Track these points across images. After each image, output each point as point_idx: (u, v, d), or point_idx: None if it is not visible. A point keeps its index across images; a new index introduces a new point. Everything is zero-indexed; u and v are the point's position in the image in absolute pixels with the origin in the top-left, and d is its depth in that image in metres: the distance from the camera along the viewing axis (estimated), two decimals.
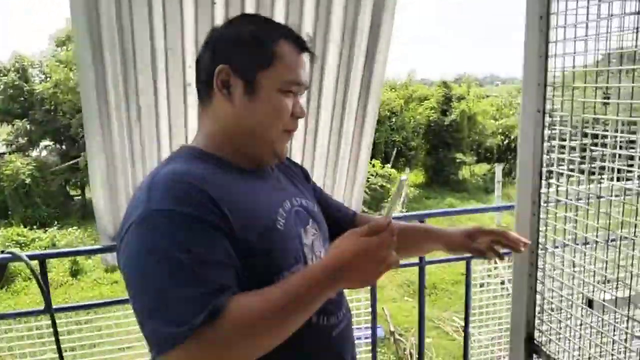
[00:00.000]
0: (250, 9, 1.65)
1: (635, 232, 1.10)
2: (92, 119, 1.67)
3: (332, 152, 1.95)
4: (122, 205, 1.81)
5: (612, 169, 1.17)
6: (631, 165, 1.23)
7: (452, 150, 17.99)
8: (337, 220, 1.19)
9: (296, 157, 1.91)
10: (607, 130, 1.20)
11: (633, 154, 1.25)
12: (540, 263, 1.36)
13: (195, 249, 0.78)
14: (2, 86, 15.92)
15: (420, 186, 17.75)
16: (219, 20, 1.63)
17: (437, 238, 1.24)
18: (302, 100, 1.44)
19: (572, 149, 1.25)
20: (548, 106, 1.30)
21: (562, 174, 1.28)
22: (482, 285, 3.73)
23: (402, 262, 1.04)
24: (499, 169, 13.47)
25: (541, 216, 1.35)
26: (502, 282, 4.85)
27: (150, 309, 0.76)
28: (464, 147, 18.26)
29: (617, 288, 1.11)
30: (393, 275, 10.32)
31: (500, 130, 18.71)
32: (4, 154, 16.04)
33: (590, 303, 1.18)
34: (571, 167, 1.25)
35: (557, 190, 1.29)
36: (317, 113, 1.86)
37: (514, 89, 24.47)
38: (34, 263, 1.76)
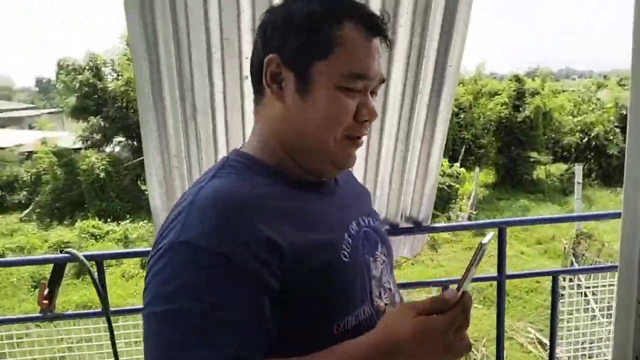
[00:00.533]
0: None
1: None
2: (148, 115, 1.60)
3: (399, 154, 1.77)
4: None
5: None
6: None
7: (526, 149, 17.10)
8: None
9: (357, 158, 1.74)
10: None
11: None
12: None
13: (219, 301, 0.65)
14: (77, 84, 16.83)
15: (491, 186, 17.03)
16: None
17: None
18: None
19: None
20: None
21: None
22: (562, 295, 3.42)
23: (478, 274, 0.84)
24: (578, 169, 12.55)
25: None
26: (585, 294, 4.44)
27: None
28: (539, 146, 17.29)
29: None
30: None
31: (578, 128, 17.59)
32: (80, 149, 17.03)
33: None
34: None
35: None
36: (384, 109, 1.68)
37: (592, 83, 23.00)
38: (91, 264, 1.72)
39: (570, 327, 3.38)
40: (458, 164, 15.11)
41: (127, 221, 14.11)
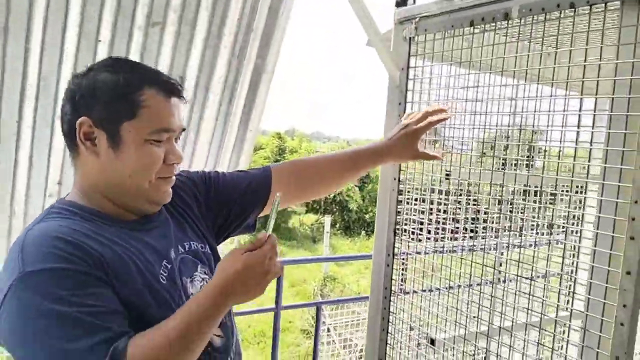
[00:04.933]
0: (135, 51, 1.66)
1: (469, 281, 1.38)
2: None
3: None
4: None
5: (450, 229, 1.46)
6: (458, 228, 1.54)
7: None
8: (255, 189, 1.18)
9: None
10: (447, 200, 1.50)
11: (459, 217, 1.57)
12: (392, 307, 1.59)
13: (81, 300, 0.76)
14: None
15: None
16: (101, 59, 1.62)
17: (364, 157, 1.33)
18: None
19: (421, 212, 1.52)
20: (402, 176, 1.56)
21: (412, 232, 1.54)
22: (307, 332, 3.96)
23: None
24: (327, 220, 14.38)
25: (394, 267, 1.58)
26: (328, 330, 5.17)
27: None
28: None
29: (454, 328, 1.37)
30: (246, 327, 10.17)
31: None
32: None
33: (432, 341, 1.42)
34: (420, 227, 1.52)
35: (408, 245, 1.54)
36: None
37: (337, 147, 26.71)
38: None
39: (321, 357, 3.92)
40: None
41: None
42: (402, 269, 1.58)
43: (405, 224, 1.54)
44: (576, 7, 1.06)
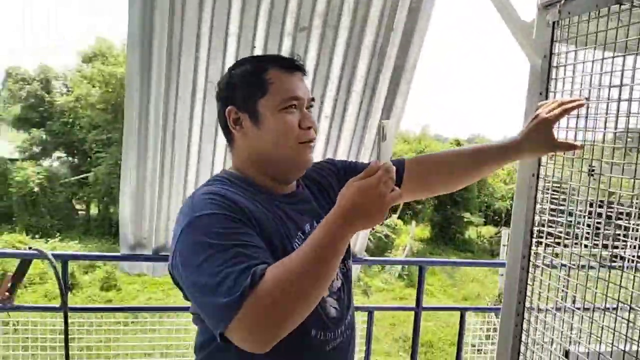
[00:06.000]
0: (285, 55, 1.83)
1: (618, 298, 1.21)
2: (131, 135, 1.85)
3: None
4: (145, 217, 1.96)
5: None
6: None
7: (460, 209, 18.04)
8: None
9: None
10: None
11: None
12: (526, 315, 1.47)
13: (237, 237, 0.91)
14: (24, 94, 16.39)
15: (426, 241, 17.73)
16: None
17: (498, 154, 1.32)
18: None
19: (562, 212, 1.38)
20: (542, 172, 1.44)
21: (551, 235, 1.41)
22: (477, 347, 3.76)
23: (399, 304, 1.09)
24: (505, 232, 13.46)
25: (530, 273, 1.47)
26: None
27: (208, 290, 0.87)
28: (473, 208, 18.30)
29: (589, 342, 1.22)
30: (390, 329, 10.25)
31: (509, 195, 18.78)
32: (16, 160, 16.37)
33: (567, 354, 1.28)
34: (559, 230, 1.38)
35: (544, 251, 1.42)
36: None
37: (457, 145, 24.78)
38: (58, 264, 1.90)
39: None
40: (396, 216, 15.76)
41: (57, 239, 13.55)
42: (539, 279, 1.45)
43: (547, 226, 1.42)
44: None
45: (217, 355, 1.03)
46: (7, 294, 1.91)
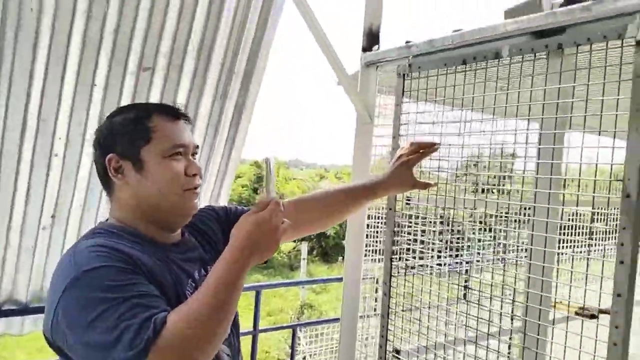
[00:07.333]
0: (127, 94, 1.83)
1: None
2: None
3: None
4: None
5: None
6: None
7: None
8: None
9: None
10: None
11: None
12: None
13: (131, 287, 0.89)
14: None
15: None
16: (96, 101, 1.78)
17: (369, 191, 1.46)
18: None
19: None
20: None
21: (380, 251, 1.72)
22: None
23: None
24: (304, 247, 14.46)
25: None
26: (304, 358, 5.25)
27: (106, 348, 0.84)
28: None
29: (418, 338, 1.55)
30: None
31: None
32: None
33: (397, 352, 1.59)
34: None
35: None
36: None
37: (316, 174, 26.91)
38: None
39: None
40: None
41: None
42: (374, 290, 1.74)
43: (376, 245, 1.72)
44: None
45: None
46: None
